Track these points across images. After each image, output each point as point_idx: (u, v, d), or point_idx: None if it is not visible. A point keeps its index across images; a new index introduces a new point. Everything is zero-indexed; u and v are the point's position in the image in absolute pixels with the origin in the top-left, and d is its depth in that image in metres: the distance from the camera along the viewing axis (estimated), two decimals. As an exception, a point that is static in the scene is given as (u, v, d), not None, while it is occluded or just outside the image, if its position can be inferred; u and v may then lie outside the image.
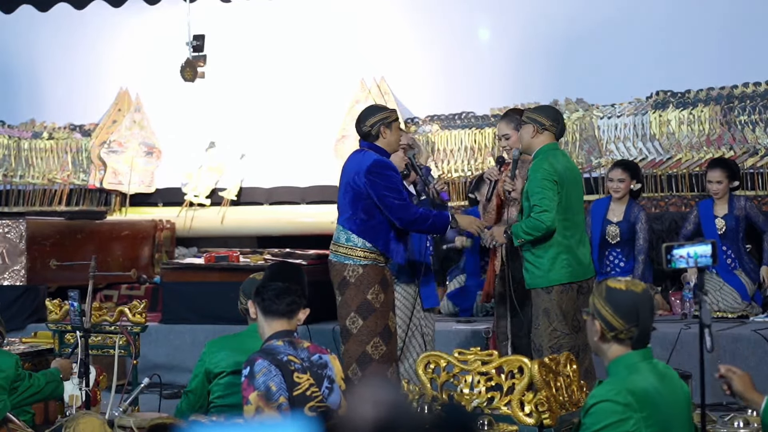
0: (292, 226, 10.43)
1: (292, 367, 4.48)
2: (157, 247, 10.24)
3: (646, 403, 3.71)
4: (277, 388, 4.43)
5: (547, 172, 6.01)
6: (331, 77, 10.43)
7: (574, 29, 9.67)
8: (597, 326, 3.83)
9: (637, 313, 3.80)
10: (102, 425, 4.92)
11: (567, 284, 6.07)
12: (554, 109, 6.43)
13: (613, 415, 3.67)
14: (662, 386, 3.81)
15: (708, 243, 4.03)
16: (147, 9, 11.06)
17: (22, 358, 6.16)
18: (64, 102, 11.30)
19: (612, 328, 3.80)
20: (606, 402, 3.69)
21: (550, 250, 6.07)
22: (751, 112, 9.01)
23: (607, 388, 3.75)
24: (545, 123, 6.15)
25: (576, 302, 6.08)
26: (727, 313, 8.01)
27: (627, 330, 3.79)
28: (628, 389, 3.71)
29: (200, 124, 10.80)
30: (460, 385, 5.25)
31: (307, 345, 4.63)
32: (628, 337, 3.80)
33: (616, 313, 3.79)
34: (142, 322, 6.22)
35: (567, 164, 6.18)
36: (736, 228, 8.18)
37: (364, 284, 6.08)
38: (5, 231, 9.00)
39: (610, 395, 3.70)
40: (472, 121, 9.96)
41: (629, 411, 3.67)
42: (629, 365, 3.79)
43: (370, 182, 6.08)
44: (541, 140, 6.16)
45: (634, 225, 8.26)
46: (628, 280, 3.91)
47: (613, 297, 3.82)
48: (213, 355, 5.29)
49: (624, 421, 3.66)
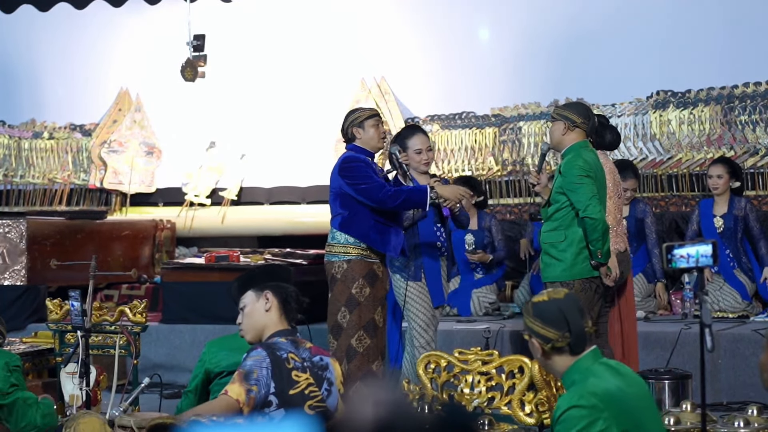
0: (292, 226, 10.44)
1: (290, 365, 4.45)
2: (158, 246, 10.24)
3: (610, 401, 3.75)
4: (258, 378, 4.38)
5: (582, 169, 5.98)
6: (331, 77, 10.43)
7: (574, 29, 9.67)
8: (535, 344, 3.90)
9: (564, 319, 3.86)
10: (102, 425, 4.92)
11: (588, 280, 6.02)
12: (585, 106, 6.41)
13: (581, 420, 3.70)
14: (622, 382, 3.85)
15: (709, 243, 4.03)
16: (147, 9, 11.06)
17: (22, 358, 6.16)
18: (65, 102, 11.30)
19: (547, 339, 3.86)
20: (572, 409, 3.73)
21: (575, 245, 6.03)
22: (751, 111, 9.01)
23: (569, 395, 3.79)
24: (576, 120, 6.11)
25: (594, 302, 6.04)
26: (727, 312, 8.01)
27: (561, 337, 3.86)
28: (590, 392, 3.75)
29: (200, 124, 10.80)
30: (461, 385, 5.25)
31: (309, 345, 4.61)
32: (565, 344, 3.86)
33: (545, 324, 3.87)
34: (143, 321, 6.22)
35: (597, 161, 6.16)
36: (734, 228, 8.18)
37: (349, 279, 6.23)
38: (6, 231, 9.00)
39: (573, 401, 3.74)
40: (473, 121, 9.96)
41: (596, 412, 3.70)
42: (582, 370, 3.85)
43: (343, 179, 6.29)
44: (572, 137, 6.12)
45: (643, 220, 8.31)
46: (550, 291, 4.00)
47: (539, 310, 3.90)
48: (213, 355, 5.28)
49: (593, 423, 3.69)
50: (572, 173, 6.00)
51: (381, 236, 6.29)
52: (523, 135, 9.67)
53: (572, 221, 6.05)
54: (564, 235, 6.05)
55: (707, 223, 8.23)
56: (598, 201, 5.97)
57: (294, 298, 4.63)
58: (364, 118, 6.43)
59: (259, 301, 4.63)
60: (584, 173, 5.98)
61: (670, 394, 6.25)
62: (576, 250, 6.03)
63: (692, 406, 4.97)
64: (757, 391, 6.83)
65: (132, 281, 9.47)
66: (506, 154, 9.78)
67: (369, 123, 6.41)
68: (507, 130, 9.80)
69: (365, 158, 6.36)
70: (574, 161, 6.03)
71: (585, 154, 6.07)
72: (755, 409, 4.96)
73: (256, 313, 4.63)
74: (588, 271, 6.03)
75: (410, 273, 6.59)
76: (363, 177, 6.24)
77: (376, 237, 6.28)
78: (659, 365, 6.95)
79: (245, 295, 4.67)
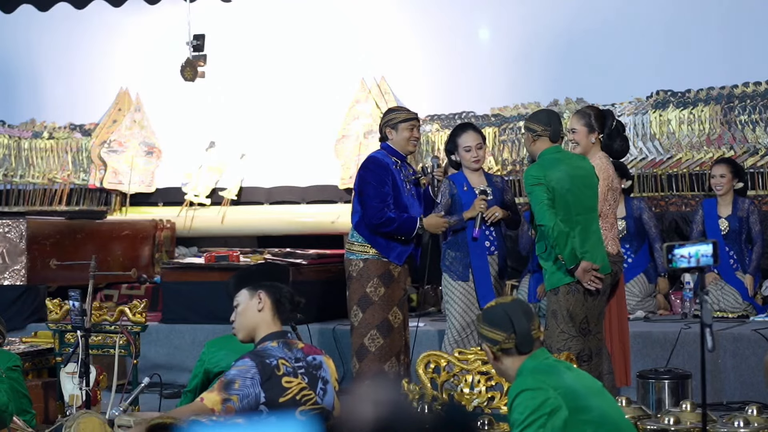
0: (292, 226, 10.43)
1: (280, 371, 4.38)
2: (158, 246, 10.24)
3: (557, 383, 3.89)
4: (240, 388, 4.32)
5: (533, 177, 6.03)
6: (331, 77, 10.43)
7: (574, 29, 9.67)
8: (486, 349, 4.06)
9: (510, 321, 4.01)
10: (102, 425, 4.92)
11: (572, 285, 6.02)
12: (546, 113, 6.39)
13: (532, 400, 3.84)
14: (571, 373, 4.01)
15: (709, 243, 4.03)
16: (147, 9, 11.06)
17: (22, 358, 6.17)
18: (65, 102, 11.30)
19: (495, 342, 4.02)
20: (521, 393, 3.87)
21: (554, 252, 6.04)
22: (751, 111, 9.01)
23: (517, 383, 3.94)
24: (537, 129, 6.15)
25: (585, 304, 6.03)
26: (727, 312, 8.01)
27: (507, 339, 4.00)
28: (536, 377, 3.90)
29: (200, 124, 10.80)
30: (461, 384, 5.24)
31: (301, 346, 4.56)
32: (512, 345, 4.00)
33: (492, 327, 4.02)
34: (143, 321, 6.22)
35: (566, 165, 6.12)
36: (739, 229, 8.18)
37: (364, 278, 6.34)
38: (5, 231, 9.00)
39: (522, 386, 3.89)
40: (472, 120, 9.96)
41: (543, 392, 3.84)
42: (531, 368, 3.97)
43: (358, 177, 6.48)
44: (539, 146, 6.16)
45: (640, 218, 8.32)
46: (498, 298, 4.26)
47: (487, 315, 4.08)
48: (213, 355, 5.28)
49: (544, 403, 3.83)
50: (526, 183, 6.08)
51: (387, 242, 6.36)
52: (523, 135, 9.66)
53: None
54: (544, 246, 6.08)
55: (712, 224, 8.22)
56: (547, 207, 5.97)
57: (288, 298, 4.57)
58: (399, 120, 6.57)
59: (252, 300, 4.57)
60: (534, 182, 6.01)
61: (670, 394, 6.25)
62: (554, 258, 6.04)
63: (692, 406, 4.96)
64: (757, 391, 6.83)
65: (132, 281, 9.47)
66: (506, 154, 9.78)
67: (403, 126, 6.59)
68: (507, 130, 9.80)
69: (387, 163, 6.43)
70: (527, 171, 6.10)
71: (542, 163, 6.08)
72: (755, 409, 4.95)
73: (249, 312, 4.56)
74: (567, 276, 6.03)
75: (458, 272, 6.61)
76: (373, 188, 6.37)
77: (382, 242, 6.35)
78: (659, 365, 6.95)
79: (239, 293, 4.62)
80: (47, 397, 6.43)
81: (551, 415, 3.82)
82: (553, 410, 3.82)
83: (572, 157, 6.25)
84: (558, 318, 6.04)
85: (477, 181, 6.77)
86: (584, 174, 6.19)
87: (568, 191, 6.05)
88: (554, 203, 6.00)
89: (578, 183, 6.14)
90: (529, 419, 3.82)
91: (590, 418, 3.87)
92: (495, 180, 6.92)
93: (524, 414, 3.83)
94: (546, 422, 3.81)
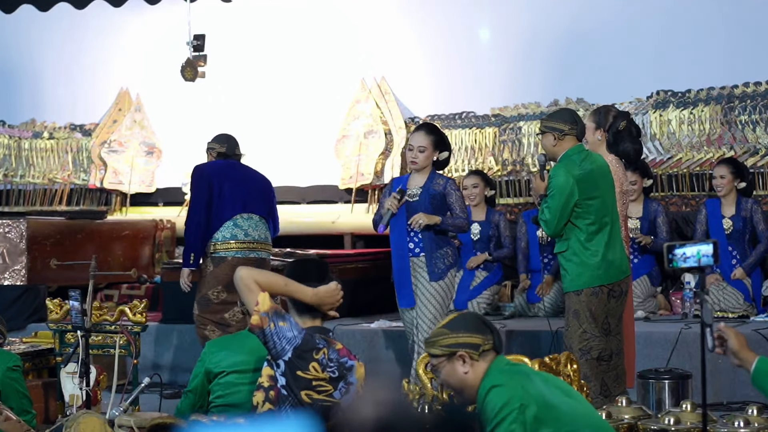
0: (292, 226, 10.42)
1: (317, 356, 4.44)
2: (158, 246, 10.24)
3: (522, 381, 3.93)
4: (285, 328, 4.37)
5: (560, 183, 6.00)
6: (331, 77, 10.43)
7: (575, 29, 9.67)
8: (463, 356, 4.00)
9: (483, 323, 4.09)
10: (102, 425, 4.92)
11: (596, 288, 6.01)
12: (568, 111, 6.40)
13: (501, 396, 3.88)
14: (533, 371, 4.13)
15: (710, 242, 4.02)
16: (147, 9, 11.06)
17: (22, 358, 6.16)
18: (65, 102, 11.31)
19: (475, 346, 4.02)
20: (491, 390, 3.90)
21: (579, 254, 6.03)
22: (751, 111, 9.00)
23: (485, 382, 3.96)
24: (564, 128, 6.10)
25: (607, 305, 6.03)
26: (727, 312, 8.00)
27: (486, 340, 4.03)
28: (502, 374, 3.95)
29: (200, 124, 10.79)
30: (461, 384, 5.24)
31: (339, 347, 4.59)
32: (491, 346, 4.04)
33: (469, 332, 4.03)
34: (143, 321, 6.23)
35: (589, 166, 6.09)
36: (742, 229, 8.17)
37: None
38: (6, 231, 9.00)
39: (490, 383, 3.93)
40: (472, 121, 9.96)
41: (511, 388, 3.88)
42: (499, 369, 4.01)
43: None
44: (565, 146, 6.11)
45: (654, 220, 8.35)
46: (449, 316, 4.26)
47: (457, 325, 4.08)
48: (213, 354, 5.27)
49: (513, 398, 3.86)
50: (551, 183, 6.05)
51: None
52: (523, 135, 9.67)
53: (573, 231, 6.06)
54: (567, 245, 6.06)
55: (716, 224, 8.22)
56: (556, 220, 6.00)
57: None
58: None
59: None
60: (564, 187, 5.99)
61: (670, 394, 6.25)
62: (578, 260, 6.03)
63: (692, 406, 4.96)
64: (757, 391, 6.82)
65: (132, 281, 9.47)
66: (506, 154, 9.78)
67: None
68: (507, 130, 9.80)
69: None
70: (556, 171, 6.07)
71: (570, 164, 6.05)
72: (755, 409, 4.96)
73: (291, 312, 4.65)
74: (596, 279, 6.01)
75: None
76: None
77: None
78: (659, 365, 6.95)
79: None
80: (47, 397, 6.42)
81: (521, 410, 3.85)
82: (522, 405, 3.85)
83: (597, 157, 6.25)
84: (580, 318, 6.03)
85: (417, 182, 6.79)
86: (604, 172, 6.18)
87: (597, 190, 6.04)
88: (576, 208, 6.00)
89: (605, 184, 6.14)
90: (500, 414, 3.85)
91: (559, 415, 3.91)
92: (437, 182, 6.79)
93: (495, 410, 3.86)
94: (517, 416, 3.83)
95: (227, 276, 6.84)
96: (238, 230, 7.20)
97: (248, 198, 7.24)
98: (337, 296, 4.61)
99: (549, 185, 6.05)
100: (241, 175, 7.34)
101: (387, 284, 9.44)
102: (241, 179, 7.30)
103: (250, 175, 7.46)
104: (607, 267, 6.06)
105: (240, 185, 7.26)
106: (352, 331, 7.99)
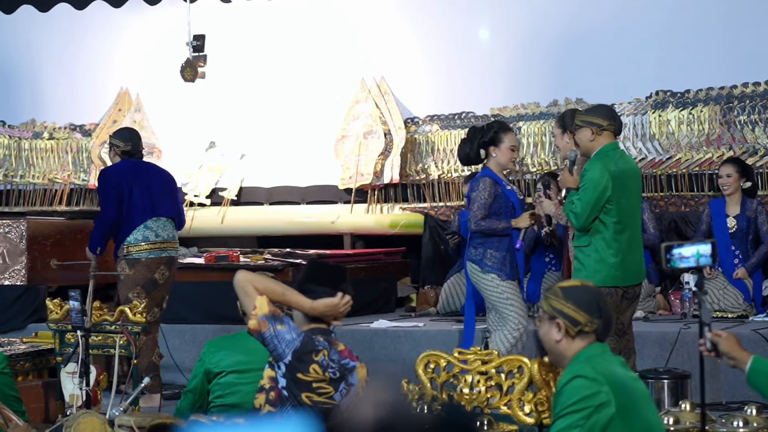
0: (292, 226, 10.44)
1: (317, 357, 4.45)
2: (158, 246, 10.23)
3: (611, 379, 3.80)
4: (283, 330, 4.39)
5: (596, 177, 5.95)
6: (331, 77, 10.43)
7: (574, 29, 9.67)
8: (560, 325, 3.92)
9: (597, 306, 3.92)
10: (102, 425, 4.93)
11: (612, 288, 5.97)
12: (605, 107, 6.36)
13: (583, 389, 3.76)
14: (626, 372, 3.94)
15: (708, 242, 4.03)
16: (147, 9, 11.07)
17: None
18: (65, 102, 11.31)
19: (576, 322, 3.90)
20: (576, 378, 3.79)
21: (599, 251, 6.00)
22: (750, 112, 9.01)
23: (573, 368, 3.86)
24: (603, 123, 6.03)
25: (619, 306, 6.01)
26: (727, 312, 8.01)
27: (590, 322, 3.89)
28: (593, 367, 3.82)
29: (200, 124, 10.81)
30: (460, 384, 5.25)
31: (341, 348, 4.59)
32: (592, 330, 3.91)
33: (578, 307, 3.90)
34: (143, 321, 6.23)
35: (623, 166, 6.07)
36: (746, 229, 8.18)
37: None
38: (6, 231, 9.00)
39: (576, 372, 3.81)
40: (472, 121, 9.95)
41: (598, 384, 3.76)
42: (590, 357, 3.88)
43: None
44: (602, 141, 6.04)
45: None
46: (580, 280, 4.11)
47: (572, 294, 3.94)
48: (213, 354, 5.29)
49: (595, 395, 3.74)
50: (584, 176, 5.98)
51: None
52: (522, 135, 9.67)
53: (598, 227, 6.01)
54: (589, 240, 6.03)
55: (720, 223, 8.21)
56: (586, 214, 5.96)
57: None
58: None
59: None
60: (600, 181, 5.93)
61: (669, 394, 6.26)
62: (598, 257, 5.99)
63: (691, 406, 4.97)
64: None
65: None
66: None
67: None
68: (507, 130, 9.79)
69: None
70: (592, 165, 6.00)
71: (607, 160, 5.98)
72: (754, 409, 4.96)
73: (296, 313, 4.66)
74: (612, 279, 5.98)
75: (507, 272, 6.71)
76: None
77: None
78: (658, 365, 6.96)
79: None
80: (47, 397, 6.43)
81: (598, 409, 3.73)
82: (602, 404, 3.74)
83: (630, 159, 6.26)
84: None
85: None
86: (633, 173, 6.17)
87: (625, 190, 6.02)
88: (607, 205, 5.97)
89: (634, 186, 6.14)
90: (576, 406, 3.74)
91: (634, 423, 3.79)
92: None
93: (572, 399, 3.75)
94: (591, 414, 3.73)
95: (144, 276, 7.29)
96: (149, 232, 7.40)
97: (156, 202, 7.46)
98: (339, 310, 4.59)
99: (582, 178, 5.99)
100: (147, 178, 7.52)
101: (387, 284, 9.48)
102: (148, 182, 7.48)
103: (155, 175, 7.64)
104: (625, 269, 6.02)
105: (148, 189, 7.45)
106: (351, 331, 7.99)
